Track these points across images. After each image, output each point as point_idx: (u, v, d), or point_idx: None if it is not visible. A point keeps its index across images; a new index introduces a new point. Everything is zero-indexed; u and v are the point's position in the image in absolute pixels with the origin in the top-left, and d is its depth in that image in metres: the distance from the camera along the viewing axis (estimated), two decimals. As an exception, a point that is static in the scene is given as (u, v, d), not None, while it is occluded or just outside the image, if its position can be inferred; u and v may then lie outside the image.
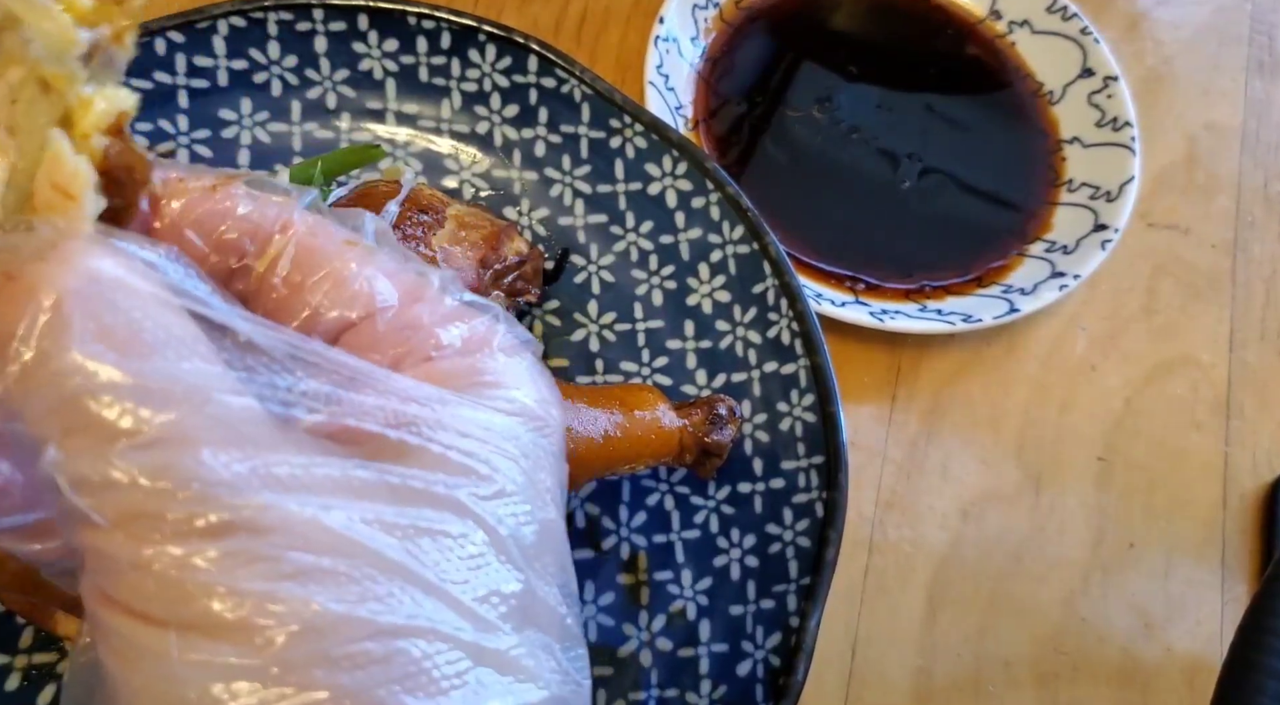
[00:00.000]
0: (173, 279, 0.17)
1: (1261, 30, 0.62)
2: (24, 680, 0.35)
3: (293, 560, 0.15)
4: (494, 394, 0.19)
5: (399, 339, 0.20)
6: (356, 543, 0.16)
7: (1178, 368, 0.52)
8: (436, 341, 0.20)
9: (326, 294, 0.19)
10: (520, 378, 0.20)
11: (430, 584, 0.16)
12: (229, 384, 0.16)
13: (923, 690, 0.43)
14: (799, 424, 0.40)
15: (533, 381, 0.21)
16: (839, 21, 0.58)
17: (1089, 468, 0.49)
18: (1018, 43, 0.58)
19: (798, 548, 0.38)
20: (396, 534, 0.16)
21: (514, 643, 0.17)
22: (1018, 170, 0.55)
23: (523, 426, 0.19)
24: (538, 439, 0.20)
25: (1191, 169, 0.57)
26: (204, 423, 0.15)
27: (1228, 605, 0.46)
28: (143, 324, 0.16)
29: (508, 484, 0.18)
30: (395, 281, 0.20)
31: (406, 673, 0.15)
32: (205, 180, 0.20)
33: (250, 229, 0.20)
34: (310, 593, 0.15)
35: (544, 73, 0.44)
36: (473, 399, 0.19)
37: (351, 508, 0.16)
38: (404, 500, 0.17)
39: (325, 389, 0.18)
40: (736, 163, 0.52)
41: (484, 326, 0.21)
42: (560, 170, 0.45)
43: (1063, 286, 0.49)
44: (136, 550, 0.15)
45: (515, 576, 0.18)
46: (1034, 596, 0.46)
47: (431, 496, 0.17)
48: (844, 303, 0.48)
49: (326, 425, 0.18)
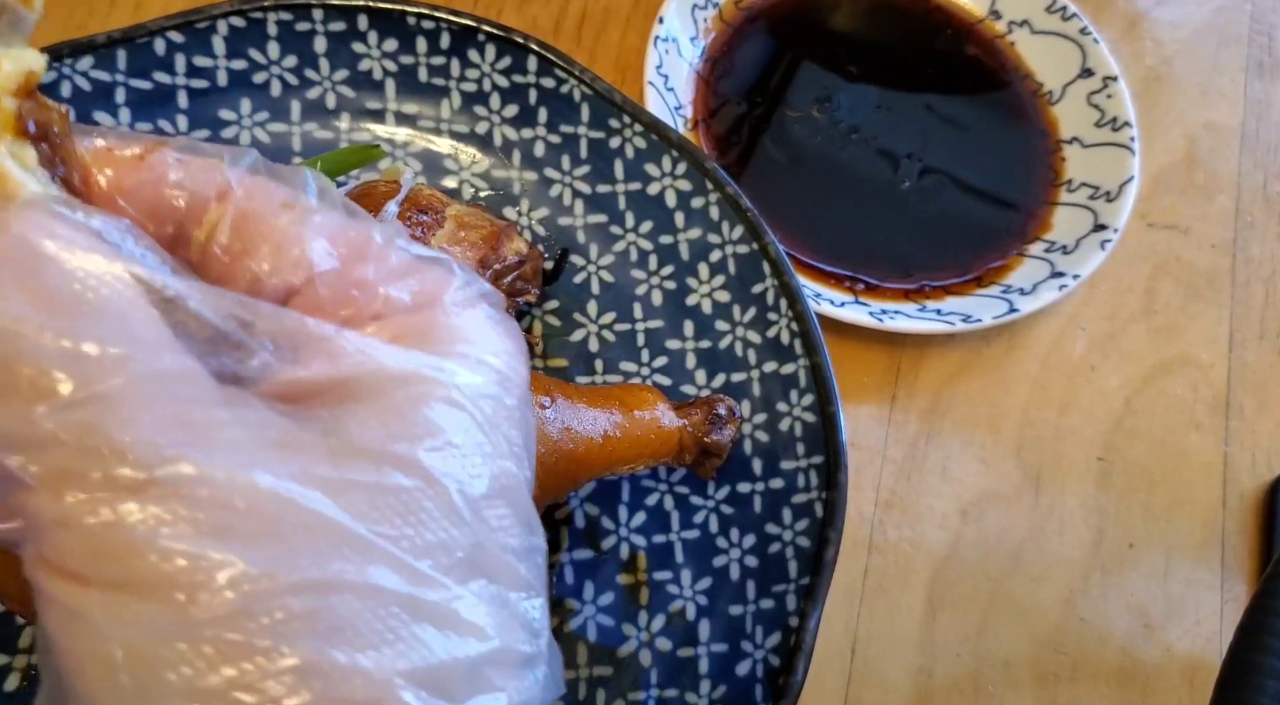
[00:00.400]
0: (114, 243, 0.17)
1: (1261, 30, 0.62)
2: (23, 680, 0.35)
3: (217, 519, 0.15)
4: (444, 350, 0.19)
5: (344, 300, 0.19)
6: (286, 500, 0.16)
7: (1177, 368, 0.52)
8: (384, 300, 0.19)
9: (267, 260, 0.19)
10: (475, 331, 0.20)
11: (363, 539, 0.16)
12: (165, 344, 0.16)
13: (922, 690, 0.43)
14: (798, 424, 0.40)
15: (489, 334, 0.20)
16: (838, 22, 0.58)
17: (1089, 468, 0.49)
18: (1017, 43, 0.58)
19: (797, 548, 0.38)
20: (329, 490, 0.16)
21: (455, 595, 0.17)
22: (1017, 170, 0.55)
23: (480, 380, 0.19)
24: (494, 391, 0.19)
25: (1191, 169, 0.57)
26: (134, 383, 0.15)
27: (1227, 605, 0.46)
28: (75, 287, 0.16)
29: (454, 435, 0.18)
30: (337, 241, 0.19)
31: (333, 627, 0.15)
32: (134, 147, 0.19)
33: (185, 196, 0.19)
34: (233, 551, 0.15)
35: (543, 73, 0.44)
36: (421, 355, 0.19)
37: (284, 466, 0.16)
38: (341, 456, 0.17)
39: (267, 349, 0.17)
40: (736, 163, 0.52)
41: (434, 280, 0.20)
42: (560, 170, 0.45)
43: (1062, 286, 0.49)
44: (62, 509, 0.15)
45: (460, 529, 0.17)
46: (1033, 596, 0.46)
47: (370, 451, 0.17)
48: (843, 303, 0.48)
49: (271, 383, 0.17)
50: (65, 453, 0.15)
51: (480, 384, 0.19)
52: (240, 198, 0.19)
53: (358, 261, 0.19)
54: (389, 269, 0.19)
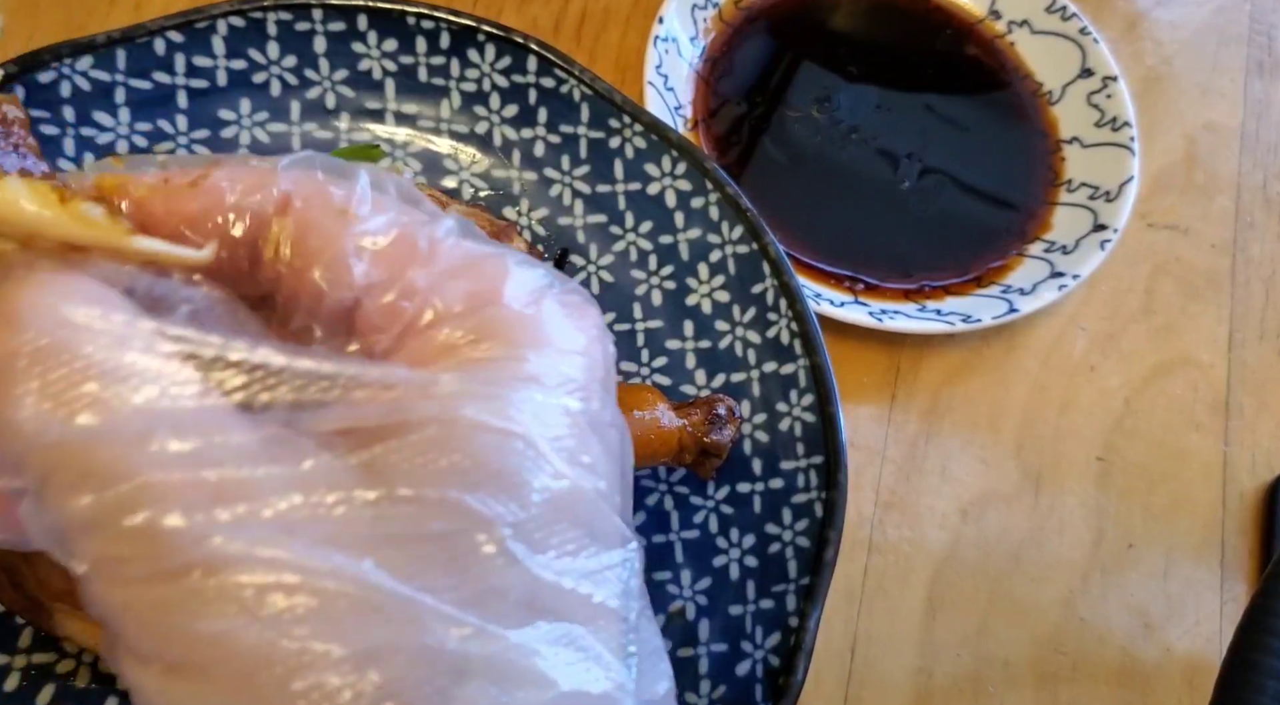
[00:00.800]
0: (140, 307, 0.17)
1: (1261, 30, 0.62)
2: (23, 680, 0.35)
3: (258, 599, 0.15)
4: (502, 357, 0.17)
5: (397, 313, 0.18)
6: (326, 570, 0.15)
7: (1177, 368, 0.52)
8: (435, 308, 0.18)
9: (325, 275, 0.18)
10: (538, 330, 0.18)
11: (404, 599, 0.15)
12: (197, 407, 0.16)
13: (922, 690, 0.43)
14: (798, 424, 0.40)
15: (556, 330, 0.18)
16: (838, 22, 0.58)
17: (1088, 468, 0.49)
18: (1017, 43, 0.58)
19: (797, 548, 0.38)
20: (369, 547, 0.15)
21: (511, 644, 0.16)
22: (1017, 170, 0.55)
23: (540, 393, 0.17)
24: (557, 399, 0.18)
25: (1191, 169, 0.57)
26: (167, 456, 0.15)
27: (1227, 605, 0.46)
28: (105, 365, 0.15)
29: (503, 464, 0.17)
30: (384, 250, 0.18)
31: (382, 698, 0.15)
32: (188, 174, 0.19)
33: (247, 217, 0.19)
34: (276, 629, 0.15)
35: (543, 73, 0.44)
36: (468, 377, 0.17)
37: (324, 528, 0.15)
38: (382, 502, 0.16)
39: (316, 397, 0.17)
40: (736, 163, 0.52)
41: (491, 278, 0.18)
42: (559, 170, 0.45)
43: (1062, 286, 0.49)
44: (116, 596, 0.15)
45: (512, 570, 0.16)
46: (1033, 596, 0.46)
47: (411, 494, 0.16)
48: (843, 303, 0.48)
49: (324, 428, 0.17)
50: (107, 541, 0.15)
51: (540, 396, 0.17)
52: (299, 209, 0.19)
53: (406, 267, 0.18)
54: (440, 270, 0.18)
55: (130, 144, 0.43)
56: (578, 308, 0.19)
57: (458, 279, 0.18)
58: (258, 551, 0.15)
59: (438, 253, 0.19)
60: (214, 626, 0.15)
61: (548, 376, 0.18)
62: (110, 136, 0.42)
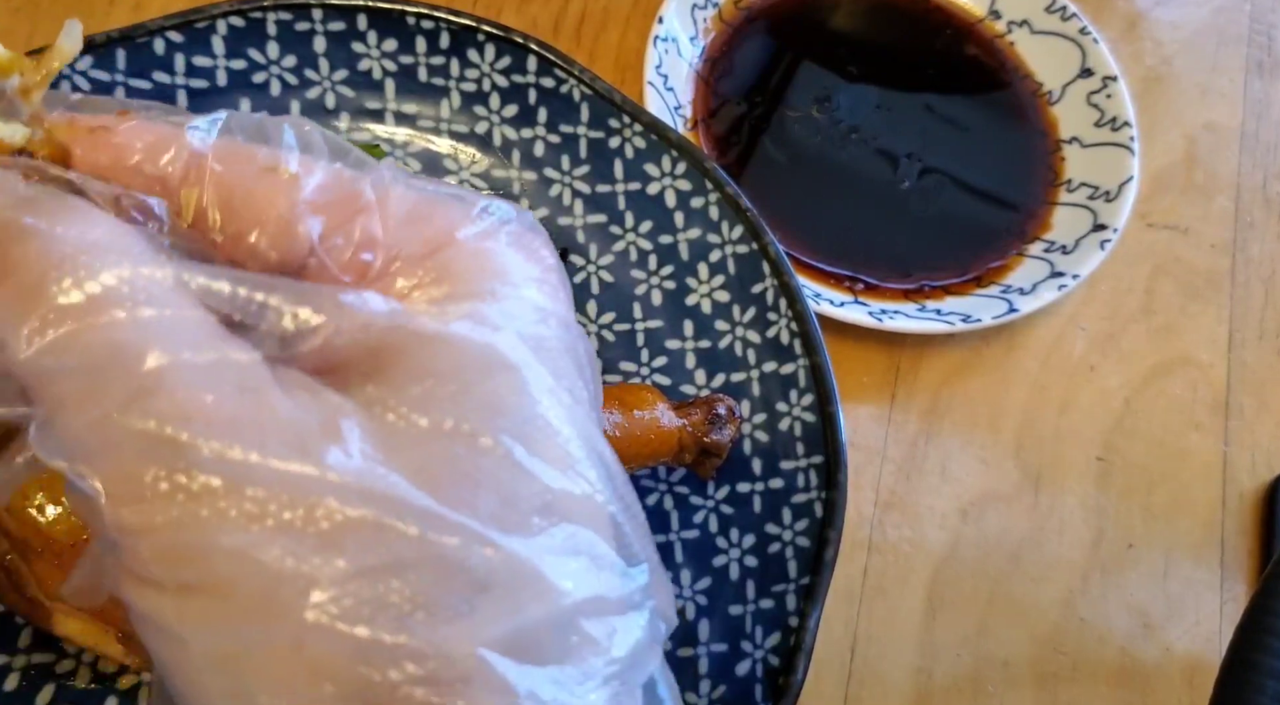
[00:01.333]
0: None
1: (1261, 30, 0.62)
2: (23, 680, 0.35)
3: (276, 514, 0.15)
4: (467, 292, 0.18)
5: (357, 266, 0.18)
6: (341, 485, 0.15)
7: (1177, 368, 0.52)
8: (393, 253, 0.18)
9: (264, 237, 0.18)
10: (497, 264, 0.18)
11: (420, 510, 0.15)
12: (209, 330, 0.16)
13: (922, 690, 0.43)
14: (798, 424, 0.40)
15: (512, 263, 0.18)
16: (838, 22, 0.58)
17: (1088, 468, 0.49)
18: (1017, 43, 0.58)
19: (797, 547, 0.38)
20: (382, 466, 0.16)
21: (528, 551, 0.16)
22: (1017, 170, 0.55)
23: (507, 318, 0.18)
24: (530, 327, 0.18)
25: (1190, 169, 0.57)
26: (184, 373, 0.15)
27: (1227, 605, 0.46)
28: (115, 282, 0.15)
29: (493, 385, 0.17)
30: (330, 202, 0.18)
31: (405, 609, 0.15)
32: (101, 118, 0.18)
33: (155, 180, 0.18)
34: (294, 545, 0.15)
35: (543, 73, 0.44)
36: (447, 306, 0.17)
37: (337, 447, 0.15)
38: (387, 431, 0.16)
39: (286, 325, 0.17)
40: (736, 163, 0.52)
41: (445, 218, 0.18)
42: (559, 170, 0.45)
43: (1062, 286, 0.49)
44: (128, 516, 0.15)
45: (521, 481, 0.17)
46: (1033, 596, 0.46)
47: (415, 419, 0.16)
48: (843, 303, 0.48)
49: (303, 359, 0.17)
50: (124, 458, 0.15)
51: (514, 322, 0.18)
52: (219, 173, 0.18)
53: (355, 218, 0.18)
54: (391, 218, 0.18)
55: (130, 144, 0.43)
56: (531, 241, 0.20)
57: (413, 223, 0.18)
58: (275, 466, 0.15)
59: (387, 199, 0.18)
60: (232, 542, 0.14)
61: (517, 305, 0.18)
62: (110, 136, 0.42)
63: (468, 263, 0.18)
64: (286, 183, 0.18)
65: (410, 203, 0.18)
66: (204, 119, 0.18)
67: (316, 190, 0.18)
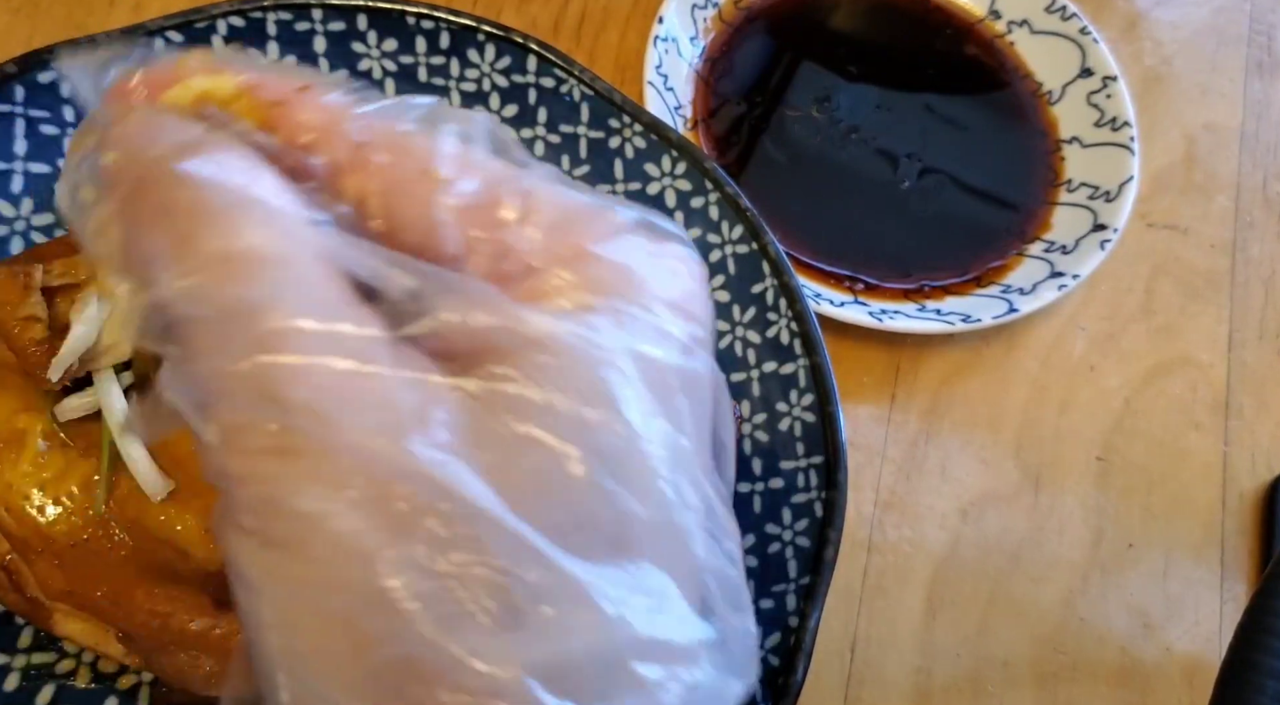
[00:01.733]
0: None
1: (1261, 30, 0.62)
2: (23, 680, 0.35)
3: (360, 487, 0.15)
4: (597, 306, 0.17)
5: (493, 269, 0.18)
6: (426, 475, 0.15)
7: (1176, 368, 0.52)
8: (529, 258, 0.18)
9: (416, 243, 0.18)
10: (628, 277, 0.18)
11: (493, 519, 0.15)
12: (336, 296, 0.16)
13: (922, 690, 0.43)
14: (798, 424, 0.40)
15: (645, 276, 0.18)
16: (838, 21, 0.58)
17: (1088, 468, 0.49)
18: (1017, 42, 0.58)
19: (797, 547, 0.38)
20: (469, 463, 0.15)
21: (594, 578, 0.16)
22: (1017, 170, 0.55)
23: (637, 341, 0.17)
24: (649, 350, 0.18)
25: (1190, 169, 0.57)
26: (304, 337, 0.15)
27: (1226, 605, 0.46)
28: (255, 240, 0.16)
29: (597, 402, 0.16)
30: (479, 212, 0.18)
31: (454, 612, 0.15)
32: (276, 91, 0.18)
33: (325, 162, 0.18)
34: (364, 522, 0.15)
35: (543, 73, 0.44)
36: (569, 317, 0.17)
37: (433, 434, 0.15)
38: (486, 430, 0.16)
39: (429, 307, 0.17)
40: (736, 163, 0.52)
41: (591, 226, 0.18)
42: (560, 170, 0.45)
43: (1062, 286, 0.49)
44: (233, 464, 0.15)
45: (605, 507, 0.16)
46: (1033, 596, 0.46)
47: (514, 423, 0.16)
48: (843, 303, 0.48)
49: (431, 340, 0.17)
50: (234, 409, 0.15)
51: (631, 340, 0.17)
52: (383, 166, 0.18)
53: (500, 226, 0.18)
54: (536, 225, 0.18)
55: (130, 144, 0.43)
56: (676, 261, 0.19)
57: (557, 230, 0.18)
58: (365, 441, 0.15)
59: (535, 205, 0.18)
60: (310, 505, 0.15)
61: (637, 326, 0.18)
62: (110, 136, 0.42)
63: (601, 273, 0.18)
64: (439, 185, 0.18)
65: (558, 210, 0.18)
66: (380, 103, 0.19)
67: (467, 195, 0.18)
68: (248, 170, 0.17)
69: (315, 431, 0.15)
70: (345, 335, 0.16)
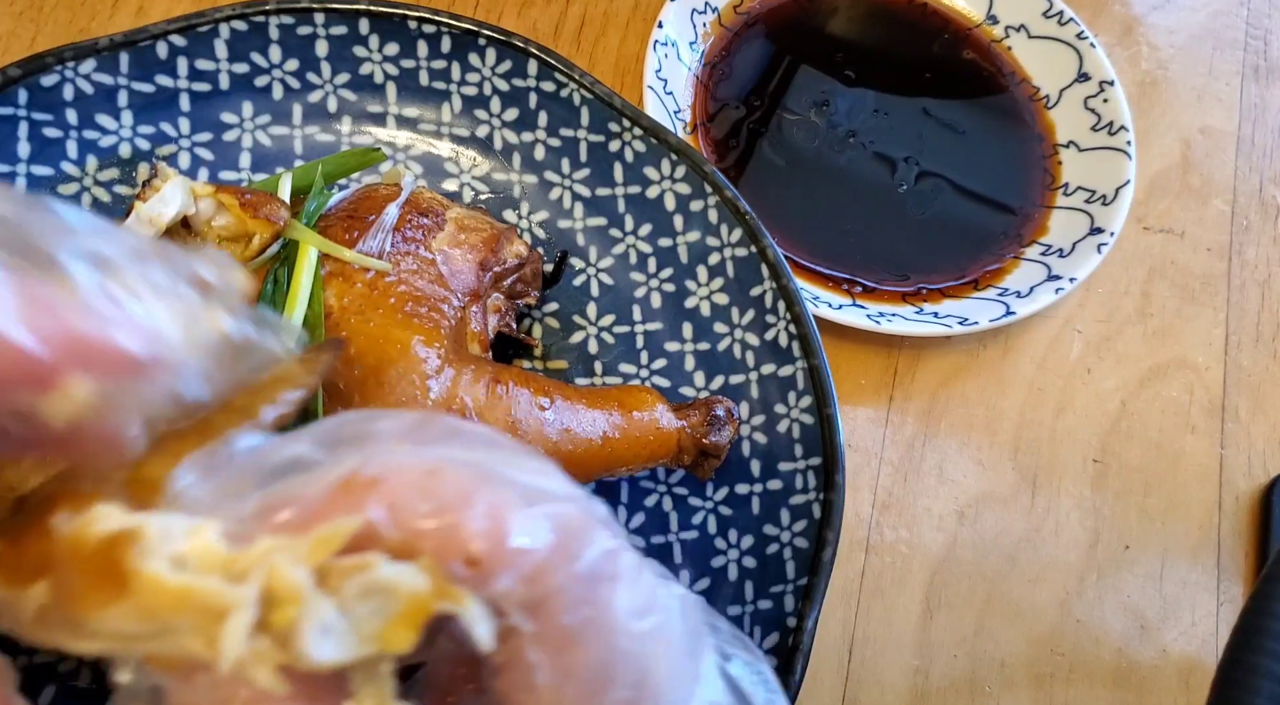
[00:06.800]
0: None
1: (1256, 35, 0.63)
2: (23, 680, 0.35)
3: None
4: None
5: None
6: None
7: (1173, 371, 0.52)
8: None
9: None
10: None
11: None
12: None
13: (919, 690, 0.43)
14: (796, 426, 0.40)
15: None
16: (836, 26, 0.59)
17: (1084, 470, 0.49)
18: (1014, 47, 0.58)
19: (795, 549, 0.38)
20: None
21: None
22: (1014, 174, 0.55)
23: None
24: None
25: (1187, 173, 0.58)
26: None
27: (1223, 606, 0.47)
28: None
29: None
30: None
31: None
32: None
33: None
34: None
35: (543, 77, 0.44)
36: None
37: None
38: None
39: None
40: (735, 166, 0.53)
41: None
42: (559, 173, 0.45)
43: (1058, 289, 0.49)
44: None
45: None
46: (1030, 598, 0.46)
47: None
48: (841, 305, 0.49)
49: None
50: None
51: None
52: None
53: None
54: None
55: (133, 147, 0.43)
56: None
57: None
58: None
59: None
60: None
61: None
62: (113, 139, 0.42)
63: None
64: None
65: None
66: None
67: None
68: None
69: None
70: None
